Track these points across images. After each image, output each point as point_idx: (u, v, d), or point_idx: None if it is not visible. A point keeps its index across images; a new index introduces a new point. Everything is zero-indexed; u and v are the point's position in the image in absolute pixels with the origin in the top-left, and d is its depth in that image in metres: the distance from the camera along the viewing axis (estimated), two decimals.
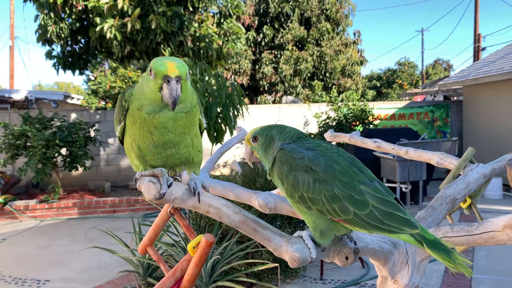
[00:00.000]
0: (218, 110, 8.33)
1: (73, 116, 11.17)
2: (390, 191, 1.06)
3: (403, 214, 1.00)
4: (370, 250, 1.30)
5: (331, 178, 1.01)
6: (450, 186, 1.64)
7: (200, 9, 10.05)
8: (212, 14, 10.64)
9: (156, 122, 1.06)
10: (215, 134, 8.51)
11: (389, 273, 1.43)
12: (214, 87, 8.45)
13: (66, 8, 8.87)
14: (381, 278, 1.49)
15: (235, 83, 8.70)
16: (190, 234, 1.24)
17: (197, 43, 9.96)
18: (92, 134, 9.99)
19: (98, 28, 8.61)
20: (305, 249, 1.01)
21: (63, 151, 9.32)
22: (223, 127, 8.58)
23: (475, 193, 1.69)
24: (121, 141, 1.17)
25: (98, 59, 11.35)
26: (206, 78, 8.48)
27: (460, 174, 1.76)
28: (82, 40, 9.98)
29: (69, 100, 15.61)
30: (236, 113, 8.57)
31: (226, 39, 10.75)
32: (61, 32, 8.97)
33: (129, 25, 8.56)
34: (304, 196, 1.02)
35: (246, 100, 9.26)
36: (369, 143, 2.39)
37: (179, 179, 1.13)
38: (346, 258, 1.08)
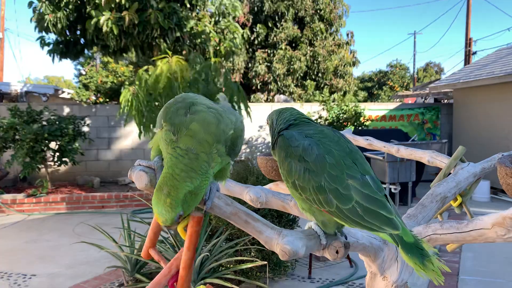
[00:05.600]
0: None
1: (64, 110, 11.07)
2: (382, 188, 1.06)
3: (387, 213, 1.00)
4: (360, 245, 1.30)
5: (320, 170, 1.02)
6: (441, 184, 1.65)
7: (197, 7, 10.01)
8: (209, 13, 10.61)
9: None
10: None
11: (378, 269, 1.44)
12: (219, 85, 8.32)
13: None
14: (370, 274, 1.49)
15: (236, 83, 8.64)
16: None
17: (193, 40, 9.92)
18: (83, 128, 9.91)
19: (93, 21, 8.53)
20: (296, 241, 1.01)
21: (52, 145, 9.23)
22: None
23: (465, 191, 1.71)
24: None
25: (90, 53, 11.26)
26: (209, 77, 8.30)
27: (450, 173, 1.77)
28: (78, 31, 9.89)
29: (59, 94, 15.47)
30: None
31: (223, 36, 10.72)
32: (58, 21, 8.88)
33: (126, 19, 8.48)
34: (296, 183, 1.05)
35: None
36: (361, 141, 2.40)
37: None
38: (337, 252, 1.08)
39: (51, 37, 10.01)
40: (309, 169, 1.03)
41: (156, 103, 7.03)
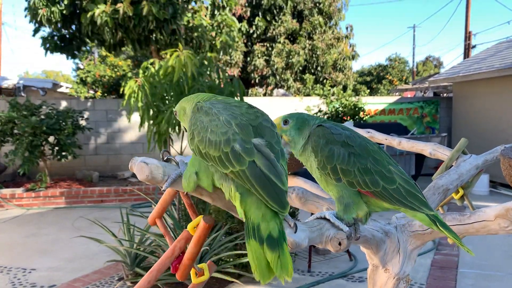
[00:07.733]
0: None
1: (62, 104, 11.03)
2: (411, 178, 1.17)
3: (422, 197, 1.14)
4: (362, 237, 1.29)
5: (365, 154, 1.13)
6: (443, 176, 1.64)
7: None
8: (206, 6, 10.56)
9: None
10: None
11: (380, 261, 1.43)
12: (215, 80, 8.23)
13: None
14: (372, 266, 1.48)
15: (237, 78, 8.55)
16: (192, 213, 1.26)
17: (190, 33, 9.87)
18: (81, 122, 9.87)
19: (89, 14, 8.46)
20: (299, 233, 0.99)
21: (51, 139, 9.21)
22: None
23: (467, 184, 1.70)
24: None
25: (88, 47, 11.19)
26: (208, 72, 8.18)
27: (452, 165, 1.76)
28: (73, 26, 9.81)
29: (57, 88, 15.40)
30: None
31: (220, 31, 10.66)
32: (52, 16, 8.81)
33: (121, 11, 8.41)
34: (337, 168, 1.12)
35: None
36: (362, 133, 2.38)
37: (174, 159, 1.12)
38: (339, 244, 1.07)
39: (47, 30, 9.93)
40: (354, 153, 1.13)
41: (165, 95, 6.96)
